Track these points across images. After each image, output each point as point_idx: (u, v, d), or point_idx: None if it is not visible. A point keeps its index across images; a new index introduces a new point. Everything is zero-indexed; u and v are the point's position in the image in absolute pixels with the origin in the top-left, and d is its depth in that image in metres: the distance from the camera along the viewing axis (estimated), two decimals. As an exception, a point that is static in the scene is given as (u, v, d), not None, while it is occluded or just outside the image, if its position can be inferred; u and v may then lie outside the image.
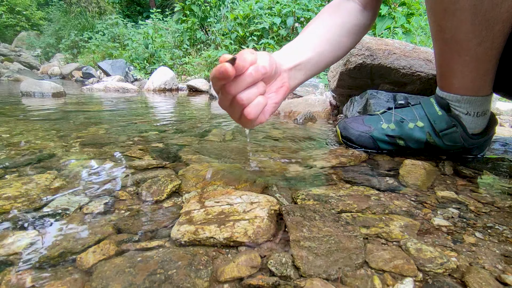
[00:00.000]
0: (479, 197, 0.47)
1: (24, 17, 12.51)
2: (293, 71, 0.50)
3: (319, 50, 0.56)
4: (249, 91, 0.41)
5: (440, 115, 0.62)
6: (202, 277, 0.27)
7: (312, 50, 0.55)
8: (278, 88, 0.47)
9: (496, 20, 0.49)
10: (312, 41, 0.56)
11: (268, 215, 0.38)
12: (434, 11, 0.55)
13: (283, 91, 0.47)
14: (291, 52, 0.52)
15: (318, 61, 0.56)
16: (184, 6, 4.19)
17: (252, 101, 0.41)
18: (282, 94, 0.47)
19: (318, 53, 0.55)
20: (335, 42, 0.59)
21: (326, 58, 0.58)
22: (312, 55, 0.54)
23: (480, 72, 0.56)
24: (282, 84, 0.47)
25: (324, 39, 0.58)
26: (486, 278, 0.28)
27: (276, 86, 0.47)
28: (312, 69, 0.55)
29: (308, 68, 0.54)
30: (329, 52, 0.59)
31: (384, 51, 0.89)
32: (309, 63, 0.54)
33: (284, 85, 0.47)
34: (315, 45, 0.56)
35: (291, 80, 0.50)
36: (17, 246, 0.31)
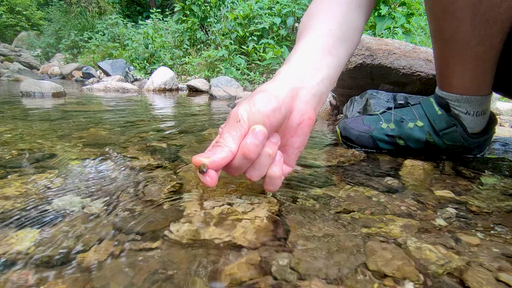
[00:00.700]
0: (479, 197, 0.47)
1: (24, 17, 12.51)
2: (317, 96, 0.38)
3: (336, 52, 0.43)
4: (256, 168, 0.33)
5: (439, 115, 0.62)
6: (202, 277, 0.27)
7: (330, 54, 0.42)
8: (298, 126, 0.35)
9: (495, 20, 0.49)
10: (326, 39, 0.43)
11: (268, 215, 0.38)
12: (433, 11, 0.55)
13: (306, 127, 0.36)
14: (310, 68, 0.39)
15: (338, 68, 0.43)
16: (184, 6, 4.20)
17: (264, 174, 0.34)
18: (305, 133, 0.36)
19: (337, 55, 0.43)
20: (350, 29, 0.47)
21: (344, 57, 0.46)
22: (330, 61, 0.41)
23: (479, 72, 0.56)
24: (300, 119, 0.35)
25: (338, 33, 0.44)
26: (486, 277, 0.28)
27: (294, 122, 0.35)
28: (333, 80, 0.42)
29: (331, 81, 0.41)
30: (346, 47, 0.46)
31: (384, 51, 0.89)
32: (331, 75, 0.41)
33: (303, 121, 0.36)
34: (331, 44, 0.43)
35: (316, 106, 0.38)
36: (17, 246, 0.31)
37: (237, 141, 0.31)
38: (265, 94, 0.33)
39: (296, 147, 0.36)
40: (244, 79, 2.96)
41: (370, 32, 2.65)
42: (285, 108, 0.34)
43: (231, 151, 0.31)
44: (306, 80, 0.37)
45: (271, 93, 0.33)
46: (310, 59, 0.40)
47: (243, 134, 0.31)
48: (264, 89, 0.34)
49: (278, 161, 0.34)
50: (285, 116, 0.34)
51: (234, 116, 0.32)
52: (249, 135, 0.31)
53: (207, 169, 0.31)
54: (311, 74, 0.38)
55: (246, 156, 0.31)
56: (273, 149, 0.33)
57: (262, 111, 0.32)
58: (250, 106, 0.32)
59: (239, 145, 0.31)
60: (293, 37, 3.14)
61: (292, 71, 0.38)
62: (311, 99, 0.36)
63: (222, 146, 0.31)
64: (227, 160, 0.31)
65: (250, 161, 0.32)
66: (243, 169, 0.33)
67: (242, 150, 0.31)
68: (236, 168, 0.33)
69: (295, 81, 0.36)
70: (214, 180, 0.31)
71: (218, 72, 3.17)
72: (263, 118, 0.32)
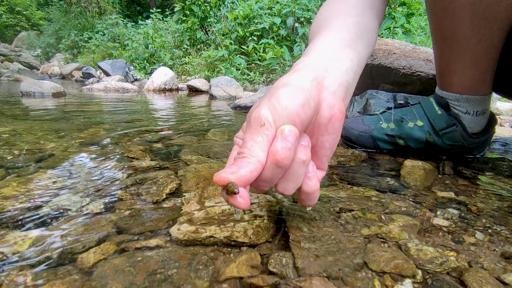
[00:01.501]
0: (479, 197, 0.47)
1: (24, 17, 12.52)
2: (344, 86, 0.33)
3: (356, 46, 0.38)
4: (289, 179, 0.28)
5: (439, 114, 0.62)
6: (202, 277, 0.27)
7: (350, 47, 0.37)
8: (328, 122, 0.30)
9: (495, 18, 0.49)
10: (345, 34, 0.39)
11: (268, 215, 0.38)
12: (433, 10, 0.56)
13: (337, 122, 0.30)
14: (332, 58, 0.34)
15: (359, 62, 0.38)
16: (184, 6, 4.20)
17: (299, 185, 0.29)
18: (336, 129, 0.31)
19: (357, 51, 0.38)
20: (366, 28, 0.43)
21: (364, 54, 0.41)
22: (352, 54, 0.37)
23: (479, 71, 0.56)
24: (331, 114, 0.30)
25: (356, 30, 0.40)
26: (486, 277, 0.28)
27: (324, 118, 0.30)
28: (357, 75, 0.38)
29: (355, 74, 0.36)
30: (365, 44, 0.42)
31: (384, 51, 0.89)
32: (354, 68, 0.36)
33: (333, 115, 0.30)
34: (348, 39, 0.38)
35: (344, 97, 0.33)
36: (17, 246, 0.31)
37: (265, 148, 0.26)
38: (289, 88, 0.28)
39: (328, 147, 0.31)
40: (244, 79, 2.96)
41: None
42: (313, 102, 0.29)
43: (260, 161, 0.26)
44: (330, 70, 0.32)
45: (295, 86, 0.28)
46: (330, 50, 0.36)
47: (271, 139, 0.26)
48: (287, 82, 0.29)
49: (312, 172, 0.30)
50: (315, 111, 0.29)
51: (257, 120, 0.27)
52: (278, 138, 0.26)
53: (238, 189, 0.25)
54: (334, 64, 0.33)
55: (279, 164, 0.26)
56: (306, 154, 0.28)
57: (290, 108, 0.27)
58: (274, 104, 0.27)
59: (268, 153, 0.26)
60: (293, 37, 3.14)
61: (314, 61, 0.33)
62: (338, 89, 0.31)
63: (248, 157, 0.26)
64: (257, 173, 0.26)
65: (283, 169, 0.27)
66: (274, 182, 0.28)
67: (273, 157, 0.26)
68: (267, 181, 0.28)
69: (319, 70, 0.32)
70: (247, 201, 0.26)
71: (218, 72, 3.17)
72: (292, 116, 0.27)
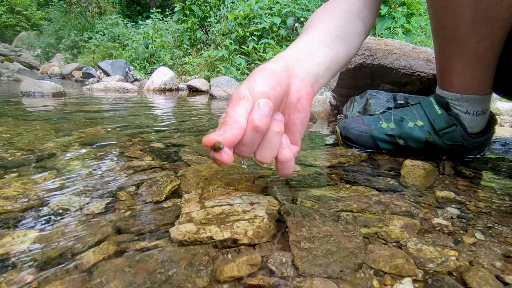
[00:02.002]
0: (479, 197, 0.47)
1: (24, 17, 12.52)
2: (313, 75, 0.39)
3: (334, 46, 0.45)
4: (266, 147, 0.33)
5: (439, 114, 0.62)
6: (202, 277, 0.27)
7: (327, 46, 0.44)
8: (297, 102, 0.36)
9: (496, 17, 0.49)
10: (324, 35, 0.46)
11: (268, 215, 0.38)
12: (434, 8, 0.56)
13: (305, 102, 0.36)
14: (305, 52, 0.41)
15: (335, 59, 0.45)
16: (184, 6, 4.20)
17: (275, 154, 0.34)
18: (305, 108, 0.36)
19: (335, 49, 0.45)
20: (349, 31, 0.50)
21: (343, 54, 0.48)
22: (328, 52, 0.44)
23: (480, 71, 0.56)
24: (299, 95, 0.36)
25: (337, 32, 0.47)
26: (486, 277, 0.28)
27: (294, 98, 0.36)
28: (332, 70, 0.44)
29: (328, 68, 0.42)
30: (344, 46, 0.48)
31: (384, 51, 0.89)
32: (327, 63, 0.42)
33: (301, 96, 0.36)
34: (328, 40, 0.45)
35: (313, 84, 0.39)
36: (17, 246, 0.31)
37: (245, 116, 0.31)
38: (264, 72, 0.34)
39: (299, 124, 0.37)
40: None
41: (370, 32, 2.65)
42: (284, 84, 0.35)
43: (241, 127, 0.31)
44: (302, 61, 0.39)
45: (269, 70, 0.35)
46: (307, 47, 0.42)
47: (249, 109, 0.31)
48: (263, 68, 0.36)
49: (286, 144, 0.35)
50: (285, 91, 0.35)
51: (237, 95, 0.32)
52: (255, 108, 0.31)
53: (223, 146, 0.30)
54: (307, 57, 0.40)
55: (257, 129, 0.31)
56: (279, 126, 0.33)
57: (264, 87, 0.33)
58: (251, 84, 0.33)
59: (247, 121, 0.31)
60: (293, 37, 3.14)
61: (289, 54, 0.40)
62: (307, 76, 0.38)
63: (231, 124, 0.30)
64: (239, 136, 0.31)
65: (260, 134, 0.32)
66: (254, 147, 0.33)
67: (252, 124, 0.31)
68: (247, 146, 0.32)
69: (291, 61, 0.38)
70: (230, 157, 0.30)
71: (218, 72, 3.17)
72: (266, 94, 0.32)
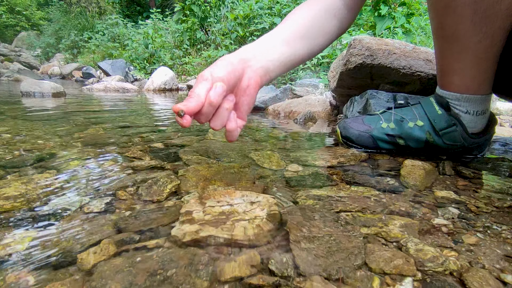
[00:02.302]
0: (479, 197, 0.47)
1: (24, 17, 12.51)
2: (264, 68, 0.49)
3: (294, 44, 0.54)
4: (218, 118, 0.43)
5: (439, 114, 0.62)
6: (202, 277, 0.27)
7: (287, 45, 0.52)
8: (246, 88, 0.46)
9: (496, 17, 0.49)
10: (288, 34, 0.54)
11: (268, 215, 0.38)
12: (435, 8, 0.56)
13: (253, 89, 0.47)
14: (263, 49, 0.50)
15: (292, 57, 0.54)
16: (184, 6, 4.19)
17: (224, 123, 0.44)
18: (252, 94, 0.47)
19: (293, 48, 0.54)
20: (315, 31, 0.57)
21: (302, 52, 0.56)
22: (285, 50, 0.52)
23: (480, 70, 0.56)
24: (248, 82, 0.46)
25: (302, 31, 0.55)
26: (486, 277, 0.28)
27: (244, 84, 0.46)
28: (286, 65, 0.53)
29: (281, 64, 0.52)
30: (307, 44, 0.56)
31: (384, 51, 0.89)
32: (282, 59, 0.52)
33: (250, 83, 0.46)
34: (290, 38, 0.53)
35: (262, 75, 0.48)
36: (17, 246, 0.31)
37: (205, 93, 0.40)
38: (223, 61, 0.44)
39: (246, 105, 0.47)
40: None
41: (370, 32, 2.65)
42: (238, 72, 0.45)
43: (201, 100, 0.40)
44: (258, 56, 0.49)
45: (228, 61, 0.45)
46: (268, 43, 0.51)
47: (209, 88, 0.41)
48: (224, 58, 0.45)
49: (233, 118, 0.44)
50: (238, 78, 0.45)
51: (201, 76, 0.42)
52: (213, 88, 0.41)
53: (184, 113, 0.39)
54: (264, 53, 0.49)
55: (211, 103, 0.40)
56: (229, 104, 0.43)
57: (221, 73, 0.42)
58: (213, 69, 0.42)
59: (206, 96, 0.40)
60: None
61: (250, 48, 0.50)
62: (259, 69, 0.48)
63: (193, 97, 0.40)
64: (198, 107, 0.40)
65: (214, 108, 0.41)
66: (209, 117, 0.42)
67: (209, 99, 0.40)
68: (204, 115, 0.41)
69: (248, 54, 0.48)
70: (188, 122, 0.39)
71: (218, 72, 3.17)
72: (222, 78, 0.42)
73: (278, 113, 1.38)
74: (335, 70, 1.13)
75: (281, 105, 1.41)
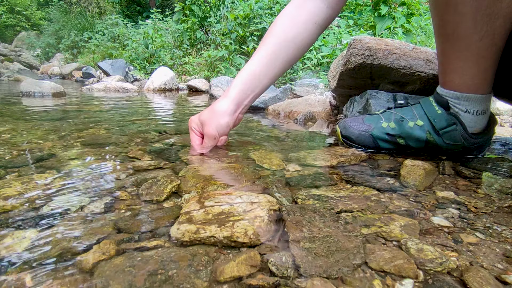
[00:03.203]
0: (479, 197, 0.47)
1: (24, 17, 12.51)
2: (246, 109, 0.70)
3: (272, 76, 0.69)
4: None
5: (439, 114, 0.62)
6: (202, 277, 0.27)
7: (267, 78, 0.69)
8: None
9: (497, 15, 0.49)
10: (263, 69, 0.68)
11: (268, 215, 0.38)
12: (436, 5, 0.56)
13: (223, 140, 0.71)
14: (244, 97, 0.68)
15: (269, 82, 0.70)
16: (184, 6, 4.19)
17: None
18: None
19: (271, 77, 0.69)
20: (292, 51, 0.69)
21: (278, 73, 0.71)
22: (266, 82, 0.70)
23: (480, 69, 0.56)
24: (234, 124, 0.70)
25: (276, 57, 0.68)
26: (486, 277, 0.28)
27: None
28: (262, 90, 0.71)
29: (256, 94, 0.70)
30: (283, 64, 0.70)
31: (384, 51, 0.89)
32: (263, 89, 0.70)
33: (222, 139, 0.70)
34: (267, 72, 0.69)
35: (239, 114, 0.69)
36: (17, 246, 0.31)
37: (213, 145, 0.68)
38: (223, 120, 0.66)
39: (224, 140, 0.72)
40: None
41: (370, 32, 2.65)
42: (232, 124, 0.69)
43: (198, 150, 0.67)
44: (241, 107, 0.69)
45: (226, 122, 0.67)
46: (247, 87, 0.68)
47: (216, 143, 0.68)
48: (222, 115, 0.66)
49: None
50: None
51: (212, 136, 0.66)
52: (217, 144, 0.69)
53: None
54: (246, 100, 0.69)
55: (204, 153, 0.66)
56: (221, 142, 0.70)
57: (224, 130, 0.67)
58: (218, 128, 0.66)
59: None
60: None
61: (235, 102, 0.67)
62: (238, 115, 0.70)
63: (205, 150, 0.67)
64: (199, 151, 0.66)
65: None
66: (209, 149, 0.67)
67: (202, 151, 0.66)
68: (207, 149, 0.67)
69: (238, 109, 0.68)
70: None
71: (218, 72, 3.17)
72: (224, 132, 0.68)
73: (278, 113, 1.38)
74: (335, 70, 1.13)
75: (281, 105, 1.41)
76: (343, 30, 2.52)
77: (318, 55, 2.37)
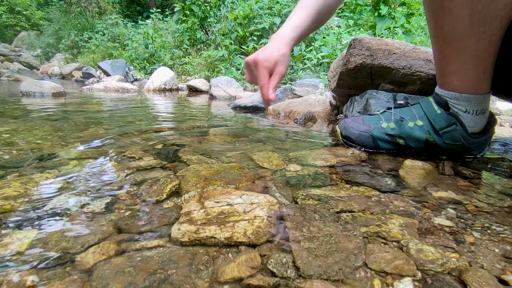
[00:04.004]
0: (478, 197, 0.47)
1: (24, 17, 12.51)
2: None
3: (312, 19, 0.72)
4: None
5: (439, 114, 0.62)
6: (202, 277, 0.27)
7: (307, 26, 0.71)
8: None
9: (493, 16, 0.49)
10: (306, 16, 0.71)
11: (268, 215, 0.38)
12: (431, 9, 0.56)
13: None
14: (294, 34, 0.69)
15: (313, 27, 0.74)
16: (184, 6, 4.19)
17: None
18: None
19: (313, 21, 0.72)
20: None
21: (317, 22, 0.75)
22: (308, 27, 0.72)
23: (478, 70, 0.56)
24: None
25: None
26: (485, 277, 0.28)
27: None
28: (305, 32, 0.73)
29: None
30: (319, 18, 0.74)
31: (384, 51, 0.89)
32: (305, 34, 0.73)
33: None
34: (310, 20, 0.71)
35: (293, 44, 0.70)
36: (17, 246, 0.31)
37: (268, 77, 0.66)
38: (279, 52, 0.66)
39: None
40: (244, 79, 2.96)
41: (370, 32, 2.65)
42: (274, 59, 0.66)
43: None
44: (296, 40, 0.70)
45: (282, 53, 0.66)
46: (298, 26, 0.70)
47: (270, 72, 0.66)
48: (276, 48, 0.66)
49: None
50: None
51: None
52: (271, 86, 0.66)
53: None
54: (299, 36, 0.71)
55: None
56: None
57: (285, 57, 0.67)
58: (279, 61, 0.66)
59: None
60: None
61: (291, 34, 0.68)
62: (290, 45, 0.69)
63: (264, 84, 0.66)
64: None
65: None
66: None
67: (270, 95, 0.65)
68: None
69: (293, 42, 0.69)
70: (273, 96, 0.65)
71: (218, 72, 3.17)
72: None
73: (278, 113, 1.38)
74: (335, 70, 1.13)
75: (281, 105, 1.41)
76: (343, 30, 2.52)
77: (318, 55, 2.37)
